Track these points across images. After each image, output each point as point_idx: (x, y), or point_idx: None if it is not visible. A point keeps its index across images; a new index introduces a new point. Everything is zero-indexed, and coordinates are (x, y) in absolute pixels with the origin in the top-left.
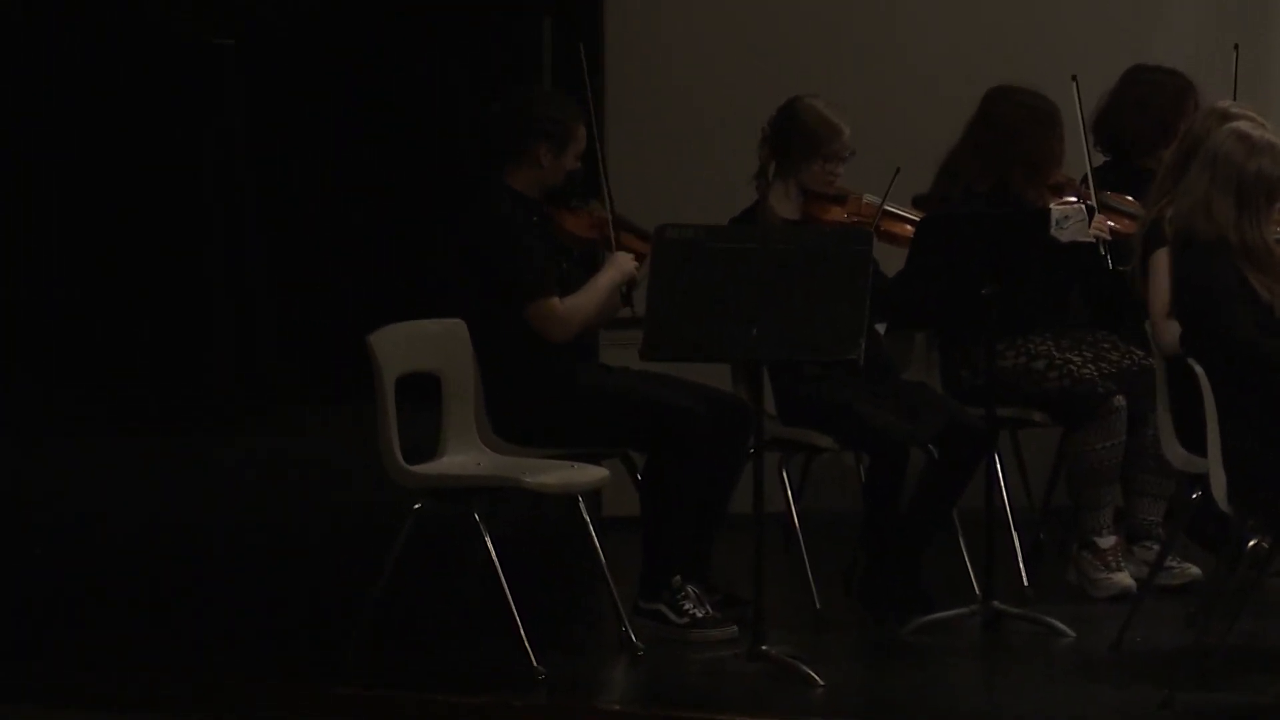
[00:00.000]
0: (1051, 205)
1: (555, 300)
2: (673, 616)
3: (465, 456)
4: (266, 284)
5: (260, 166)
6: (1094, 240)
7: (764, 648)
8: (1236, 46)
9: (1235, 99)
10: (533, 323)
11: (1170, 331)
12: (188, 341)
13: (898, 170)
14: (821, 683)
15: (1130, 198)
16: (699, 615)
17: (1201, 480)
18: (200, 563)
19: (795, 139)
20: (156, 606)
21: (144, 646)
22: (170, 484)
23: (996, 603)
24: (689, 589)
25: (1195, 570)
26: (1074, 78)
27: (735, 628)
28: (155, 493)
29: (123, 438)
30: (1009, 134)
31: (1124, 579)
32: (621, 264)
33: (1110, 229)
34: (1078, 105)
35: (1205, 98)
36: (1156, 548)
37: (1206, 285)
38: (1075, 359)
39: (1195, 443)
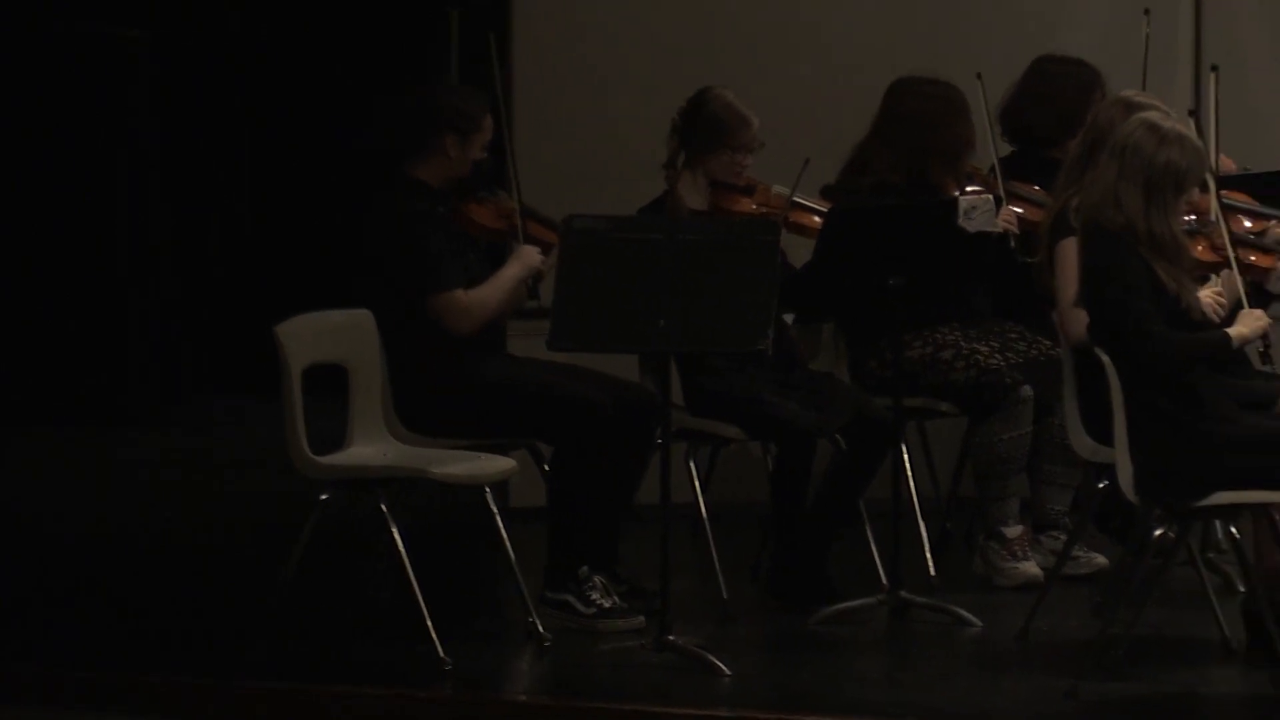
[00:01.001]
0: (959, 195)
1: (459, 293)
2: (580, 607)
3: (372, 447)
4: (174, 277)
5: (169, 161)
6: (1001, 230)
7: (671, 638)
8: (1147, 11)
9: (1145, 82)
10: (436, 315)
11: (1078, 321)
12: (97, 335)
13: (806, 161)
14: (728, 672)
15: (1037, 188)
16: (606, 605)
17: (1108, 470)
18: (108, 557)
19: (704, 130)
20: (62, 601)
21: (48, 642)
22: (78, 477)
23: (903, 592)
24: (596, 579)
25: (1101, 560)
26: (979, 76)
27: (642, 618)
28: (63, 487)
29: (32, 431)
30: (920, 124)
31: (1030, 568)
32: (527, 257)
33: (1017, 219)
34: (984, 101)
35: (1112, 88)
36: (1063, 537)
37: (1114, 276)
38: (982, 349)
39: (1102, 432)
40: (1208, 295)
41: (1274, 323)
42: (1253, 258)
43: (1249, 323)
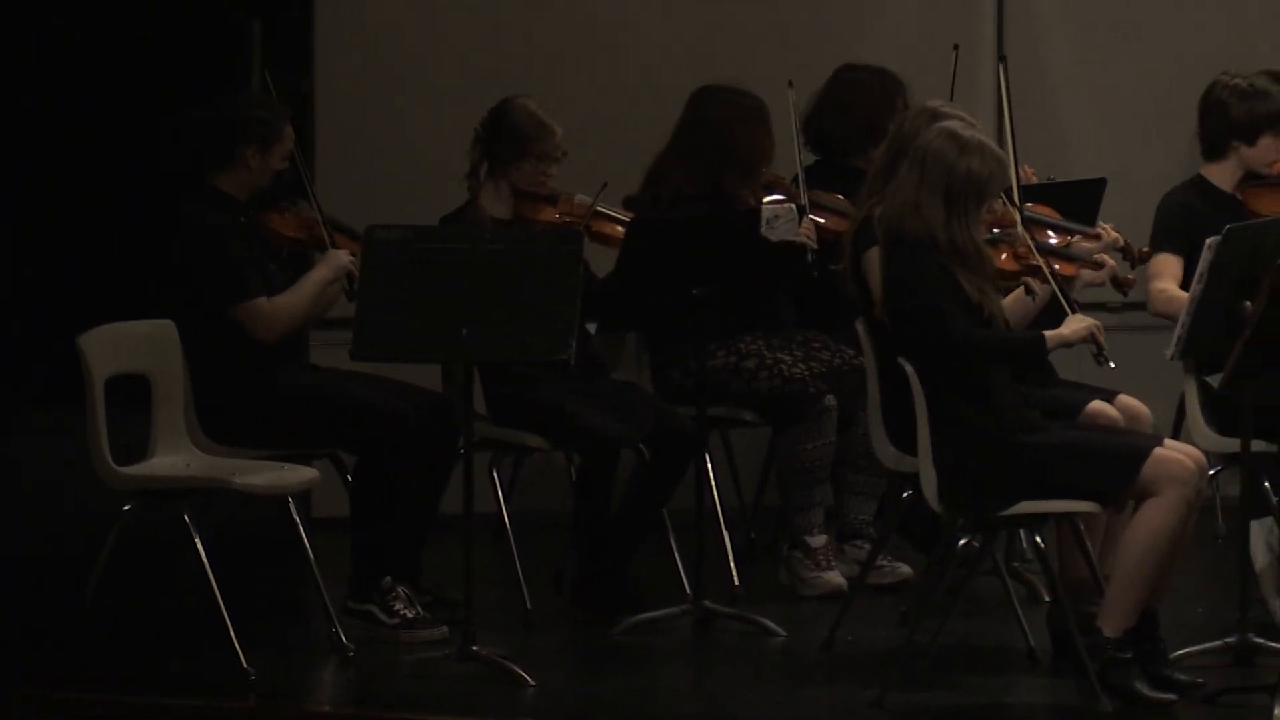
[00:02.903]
0: (762, 205)
1: (261, 300)
2: (383, 617)
3: (175, 458)
4: None
5: None
6: (802, 240)
7: (474, 648)
8: (956, 47)
9: (953, 93)
10: (241, 324)
11: None
12: None
13: (604, 186)
14: (532, 683)
15: (840, 196)
16: (409, 616)
17: (912, 479)
18: None
19: (507, 139)
20: None
21: None
22: None
23: (707, 602)
24: (399, 590)
25: (906, 569)
26: (790, 84)
27: (445, 628)
28: None
29: None
30: (718, 134)
31: (835, 578)
32: (334, 260)
33: (820, 228)
34: (792, 110)
35: (916, 98)
36: (868, 547)
37: (917, 284)
38: (786, 359)
39: (906, 442)
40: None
41: (1100, 326)
42: (1056, 266)
43: (1071, 326)
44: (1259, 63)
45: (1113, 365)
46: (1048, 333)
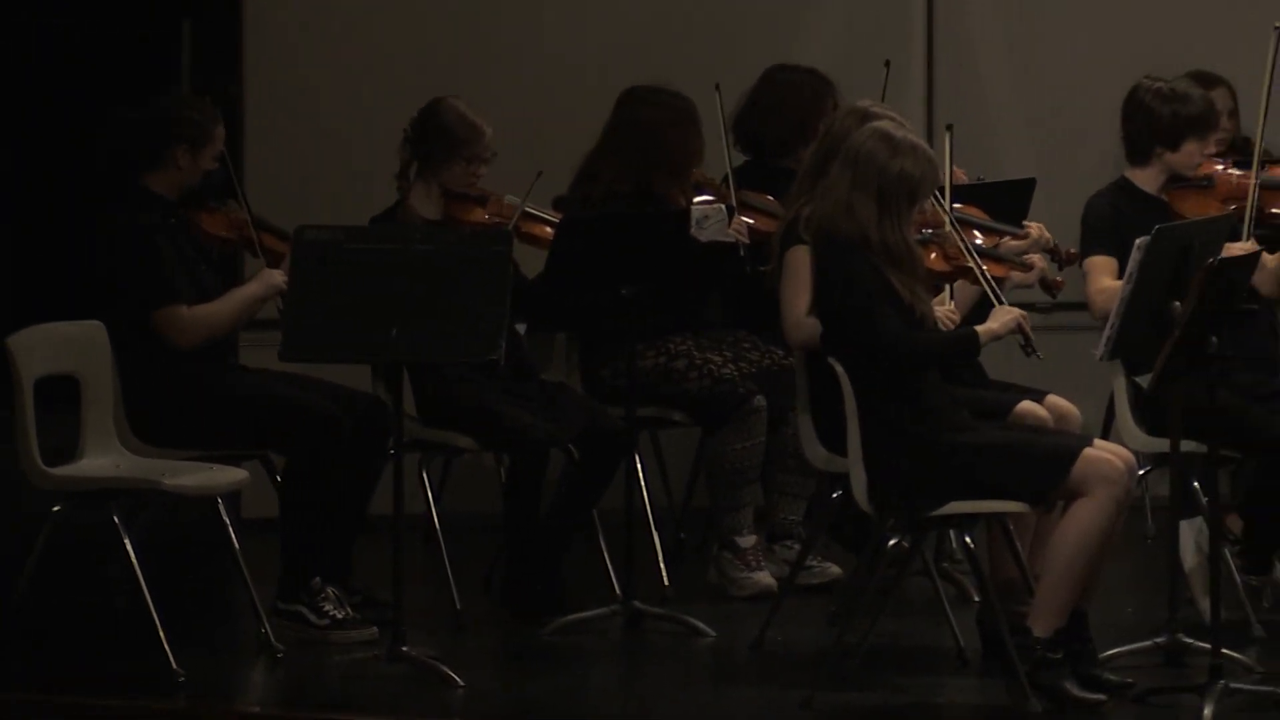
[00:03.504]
0: (692, 205)
1: (181, 308)
2: (312, 618)
3: (105, 459)
4: None
5: None
6: (733, 240)
7: (404, 649)
8: (887, 63)
9: (884, 93)
10: (158, 329)
11: (801, 328)
12: None
13: (539, 174)
14: (461, 683)
15: (770, 197)
16: (339, 616)
17: (842, 480)
18: None
19: (436, 140)
20: None
21: None
22: None
23: (637, 603)
24: (329, 590)
25: (836, 569)
26: (717, 87)
27: (375, 629)
28: None
29: None
30: (648, 134)
31: (764, 578)
32: (268, 278)
33: (750, 228)
34: (720, 111)
35: (845, 99)
36: (797, 547)
37: (849, 284)
38: (715, 359)
39: (835, 442)
40: (940, 314)
41: (1027, 316)
42: (986, 266)
43: (999, 318)
44: (1183, 66)
45: (1040, 356)
46: (979, 328)
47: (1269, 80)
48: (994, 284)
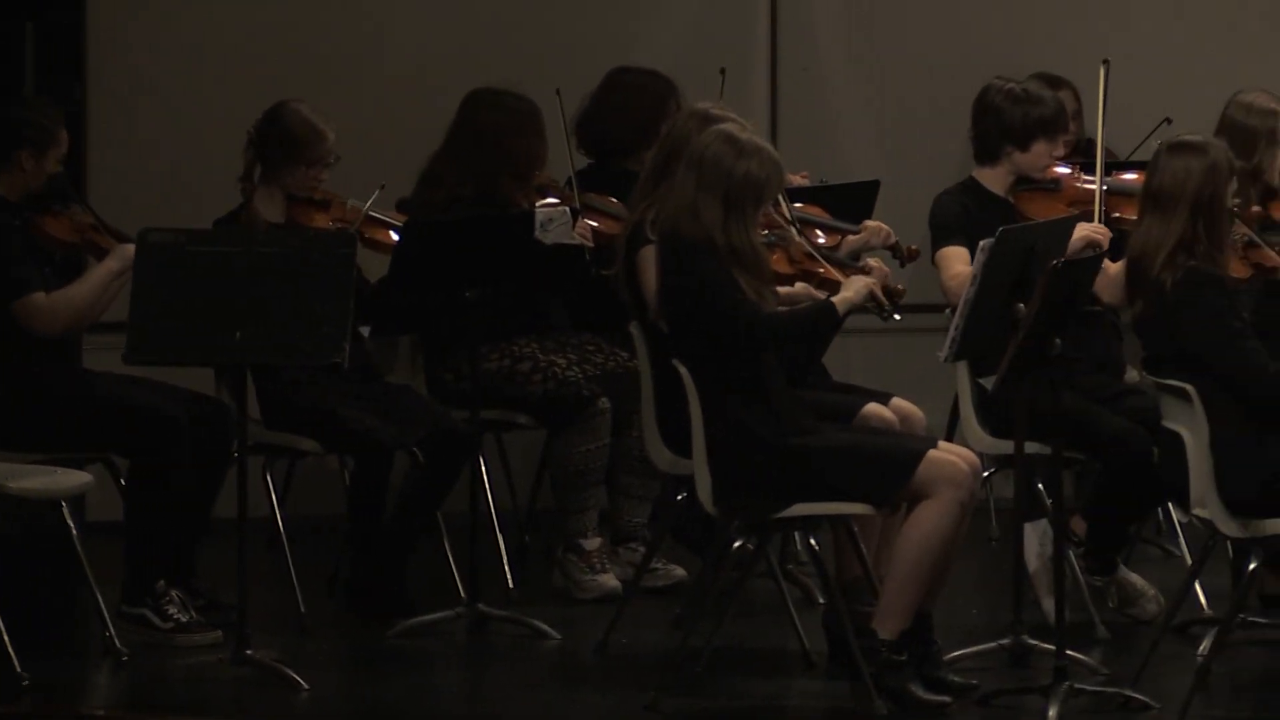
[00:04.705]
0: (536, 208)
1: (39, 295)
2: (157, 621)
3: None
4: None
5: None
6: (578, 243)
7: (248, 652)
8: (723, 71)
9: (722, 91)
10: (19, 320)
11: None
12: None
13: (381, 186)
14: (306, 686)
15: (614, 199)
16: (183, 620)
17: (687, 482)
18: None
19: (280, 143)
20: None
21: None
22: None
23: (482, 605)
24: (173, 593)
25: (680, 572)
26: (558, 92)
27: (219, 632)
28: None
29: None
30: (491, 138)
31: (609, 581)
32: (124, 253)
33: (594, 231)
34: (561, 115)
35: (687, 101)
36: (642, 549)
37: (694, 287)
38: (560, 361)
39: (680, 444)
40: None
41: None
42: (823, 270)
43: (853, 286)
44: (1033, 67)
45: (898, 318)
46: (834, 297)
47: (1101, 111)
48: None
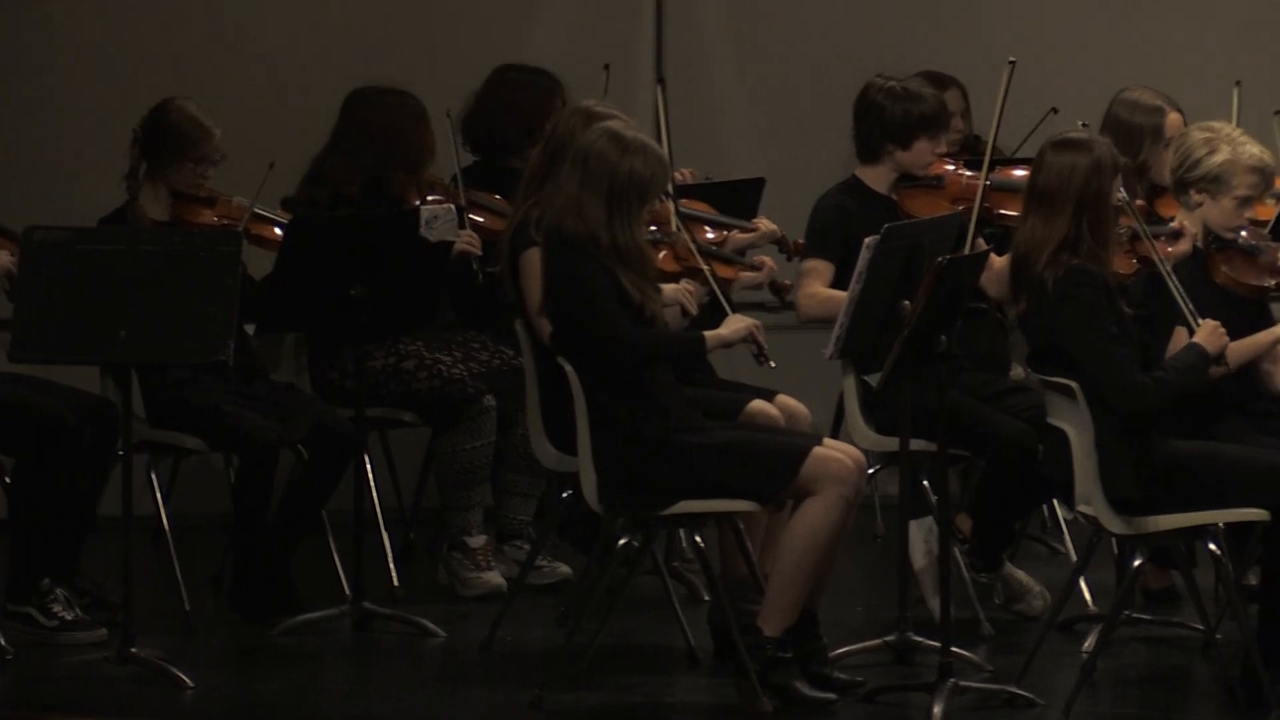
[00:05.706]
0: (421, 205)
1: None
2: (41, 619)
3: None
4: None
5: None
6: (464, 245)
7: (133, 650)
8: (607, 67)
9: (606, 89)
10: None
11: (548, 324)
12: None
13: (271, 165)
14: (191, 684)
15: (499, 197)
16: (68, 618)
17: (572, 479)
18: None
19: (165, 141)
20: None
21: None
22: None
23: (366, 603)
24: (58, 592)
25: (566, 569)
26: (449, 114)
27: (104, 630)
28: None
29: None
30: (380, 133)
31: (494, 578)
32: (2, 257)
33: (479, 227)
34: (447, 114)
35: (573, 98)
36: (527, 547)
37: (579, 284)
38: (445, 359)
39: (565, 442)
40: (678, 286)
41: (760, 325)
42: (715, 267)
43: (731, 326)
44: (919, 65)
45: (773, 364)
46: (708, 333)
47: (999, 111)
48: (722, 284)
